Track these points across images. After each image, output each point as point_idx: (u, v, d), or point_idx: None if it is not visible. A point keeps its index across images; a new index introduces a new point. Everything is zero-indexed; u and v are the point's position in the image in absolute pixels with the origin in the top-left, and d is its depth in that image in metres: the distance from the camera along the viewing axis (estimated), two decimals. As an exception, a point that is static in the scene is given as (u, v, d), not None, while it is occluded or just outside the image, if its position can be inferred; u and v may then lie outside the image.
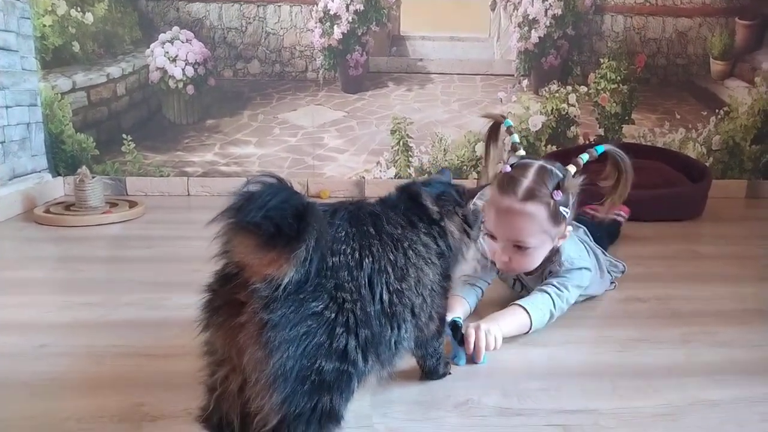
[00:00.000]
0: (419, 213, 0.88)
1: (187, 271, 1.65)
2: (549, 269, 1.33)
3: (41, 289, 1.54)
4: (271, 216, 0.59)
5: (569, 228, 1.29)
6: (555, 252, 1.31)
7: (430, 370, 1.03)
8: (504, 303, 1.29)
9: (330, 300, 0.69)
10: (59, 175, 2.71)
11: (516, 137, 1.35)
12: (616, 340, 1.25)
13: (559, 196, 1.21)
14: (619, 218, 2.04)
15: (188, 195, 2.79)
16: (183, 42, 2.68)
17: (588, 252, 1.41)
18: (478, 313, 1.31)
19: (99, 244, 1.99)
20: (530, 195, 1.21)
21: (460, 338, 1.10)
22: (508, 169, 1.26)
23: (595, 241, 1.52)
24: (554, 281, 1.28)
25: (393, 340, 0.78)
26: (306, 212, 0.62)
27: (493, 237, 1.25)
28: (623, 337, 1.26)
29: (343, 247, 0.72)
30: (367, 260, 0.73)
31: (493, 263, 1.26)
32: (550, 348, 1.21)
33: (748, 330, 1.32)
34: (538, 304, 1.23)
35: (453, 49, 2.83)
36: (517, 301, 1.24)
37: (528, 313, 1.21)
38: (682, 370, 1.12)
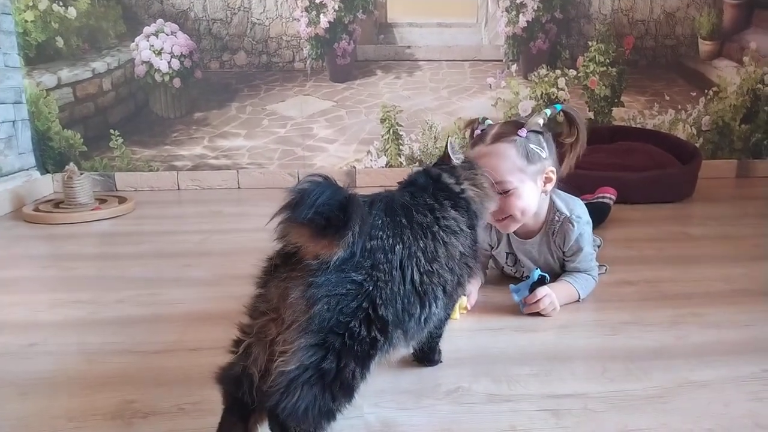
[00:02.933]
0: (445, 191, 0.97)
1: (178, 267, 1.66)
2: (551, 229, 1.37)
3: (31, 288, 1.53)
4: (321, 211, 0.69)
5: (551, 169, 1.32)
6: (551, 210, 1.37)
7: (430, 349, 1.06)
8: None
9: (367, 275, 0.78)
10: (47, 172, 2.69)
11: (489, 121, 1.37)
12: (605, 323, 1.26)
13: (524, 133, 1.28)
14: (607, 200, 2.05)
15: (178, 189, 2.78)
16: (168, 35, 2.65)
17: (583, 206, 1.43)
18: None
19: (89, 241, 1.98)
20: (497, 138, 1.30)
21: (532, 288, 1.27)
22: (479, 131, 1.33)
23: None
24: (581, 273, 1.39)
25: (423, 318, 0.86)
26: (349, 204, 0.72)
27: None
28: (613, 321, 1.27)
29: (380, 233, 0.81)
30: (398, 246, 0.82)
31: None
32: (541, 333, 1.22)
33: (736, 310, 1.33)
34: (581, 280, 1.37)
35: (441, 35, 2.81)
36: (564, 278, 1.38)
37: (575, 287, 1.35)
38: (671, 352, 1.13)
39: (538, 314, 1.28)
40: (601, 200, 2.04)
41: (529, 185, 1.30)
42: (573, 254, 1.38)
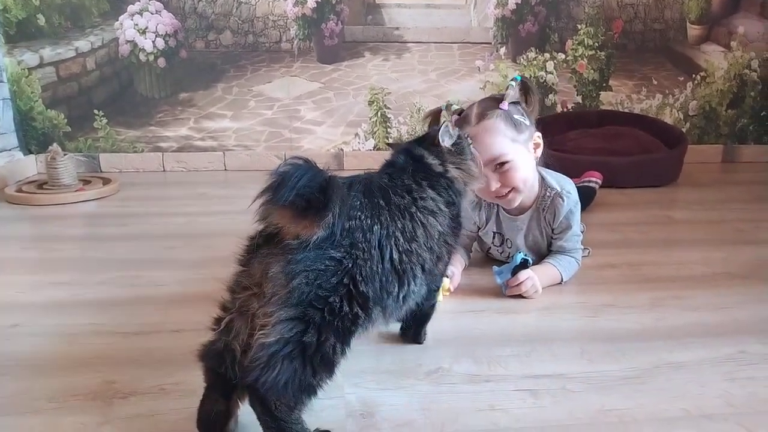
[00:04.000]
0: (425, 171, 0.98)
1: (161, 248, 1.65)
2: (542, 205, 1.39)
3: (13, 269, 1.52)
4: (301, 194, 0.70)
5: (538, 134, 1.35)
6: (542, 186, 1.39)
7: (417, 329, 1.08)
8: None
9: (346, 253, 0.79)
10: (30, 153, 2.65)
11: (455, 106, 1.37)
12: (587, 306, 1.27)
13: (505, 106, 1.30)
14: (592, 184, 2.06)
15: (164, 171, 2.75)
16: (152, 13, 2.61)
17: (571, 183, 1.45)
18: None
19: (72, 222, 1.96)
20: (482, 116, 1.30)
21: (515, 271, 1.28)
22: (455, 118, 1.33)
23: None
24: (567, 254, 1.40)
25: (401, 296, 0.88)
26: (329, 186, 0.73)
27: None
28: (594, 303, 1.28)
29: (358, 213, 0.83)
30: (376, 226, 0.84)
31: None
32: (522, 315, 1.23)
33: (716, 293, 1.35)
34: (564, 263, 1.38)
35: (429, 16, 2.79)
36: (548, 260, 1.39)
37: (558, 269, 1.37)
38: (650, 334, 1.14)
39: (520, 296, 1.29)
40: (587, 184, 2.05)
41: (524, 154, 1.32)
42: (561, 231, 1.40)
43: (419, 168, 0.98)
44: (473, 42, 2.83)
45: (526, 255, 1.32)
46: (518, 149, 1.31)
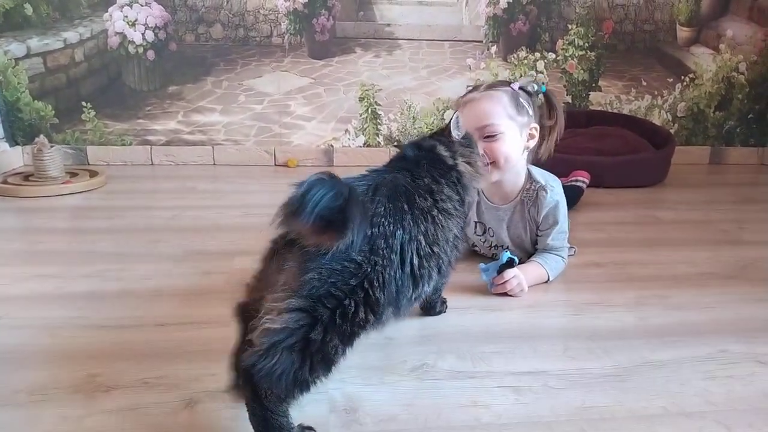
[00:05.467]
0: (439, 166, 1.01)
1: (147, 242, 1.64)
2: (527, 197, 1.41)
3: (-3, 262, 1.50)
4: (321, 215, 0.71)
5: (536, 126, 1.35)
6: (528, 179, 1.41)
7: (431, 306, 1.18)
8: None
9: (365, 258, 0.81)
10: (17, 144, 2.62)
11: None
12: (571, 304, 1.29)
13: (516, 86, 1.32)
14: (579, 183, 2.07)
15: (152, 164, 2.74)
16: (142, 5, 2.58)
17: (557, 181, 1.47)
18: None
19: (58, 215, 1.94)
20: (490, 87, 1.34)
21: (501, 269, 1.29)
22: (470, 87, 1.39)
23: None
24: (553, 252, 1.41)
25: (414, 297, 0.91)
26: (348, 205, 0.73)
27: None
28: (578, 301, 1.29)
29: (381, 220, 0.84)
30: (399, 231, 0.85)
31: None
32: (507, 313, 1.23)
33: (700, 293, 1.36)
34: (550, 262, 1.39)
35: (421, 13, 2.79)
36: (534, 259, 1.40)
37: (544, 268, 1.37)
38: (633, 333, 1.15)
39: (505, 294, 1.30)
40: (574, 183, 2.06)
41: (515, 134, 1.33)
42: (548, 228, 1.40)
43: (432, 161, 1.01)
44: (464, 40, 2.84)
45: (512, 254, 1.33)
46: (511, 126, 1.31)
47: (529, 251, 1.45)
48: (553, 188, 1.40)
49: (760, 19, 2.96)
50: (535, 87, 1.36)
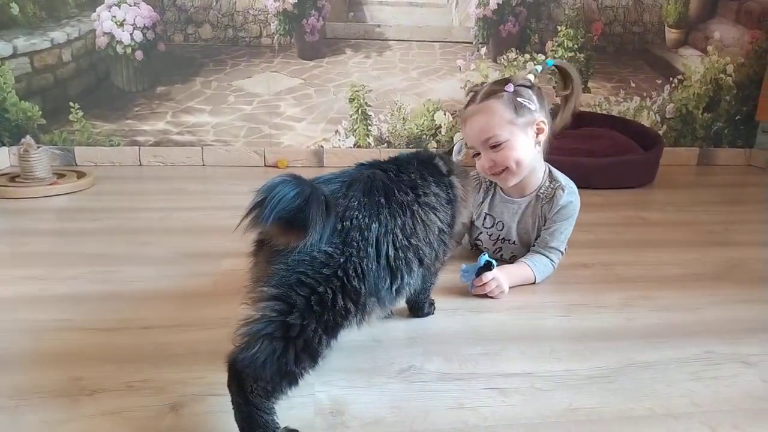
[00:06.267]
0: (431, 169, 1.05)
1: (135, 244, 1.63)
2: (543, 193, 1.43)
3: (-19, 264, 1.49)
4: (283, 216, 0.72)
5: (542, 120, 1.35)
6: (549, 178, 1.44)
7: (418, 307, 1.18)
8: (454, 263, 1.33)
9: (337, 249, 0.82)
10: (4, 145, 2.60)
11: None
12: (558, 305, 1.29)
13: (510, 88, 1.32)
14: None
15: (140, 165, 2.72)
16: (130, 5, 2.57)
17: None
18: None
19: (45, 216, 1.92)
20: (486, 96, 1.34)
21: (479, 272, 1.30)
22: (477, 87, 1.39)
23: None
24: (546, 252, 1.42)
25: (395, 288, 0.91)
26: (307, 205, 0.74)
27: (476, 155, 1.38)
28: (566, 303, 1.30)
29: (355, 213, 0.86)
30: (374, 225, 0.87)
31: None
32: (495, 314, 1.23)
33: (687, 294, 1.37)
34: (539, 265, 1.40)
35: (411, 14, 2.79)
36: (524, 260, 1.41)
37: (532, 270, 1.38)
38: (619, 334, 1.15)
39: (485, 296, 1.30)
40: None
41: (521, 136, 1.33)
42: (554, 223, 1.41)
43: (426, 164, 1.04)
44: (454, 41, 2.84)
45: (489, 257, 1.32)
46: (514, 131, 1.31)
47: (528, 247, 1.47)
48: (572, 191, 1.43)
49: (747, 21, 2.99)
50: (539, 70, 1.35)
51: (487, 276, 1.30)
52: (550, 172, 1.45)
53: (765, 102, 3.05)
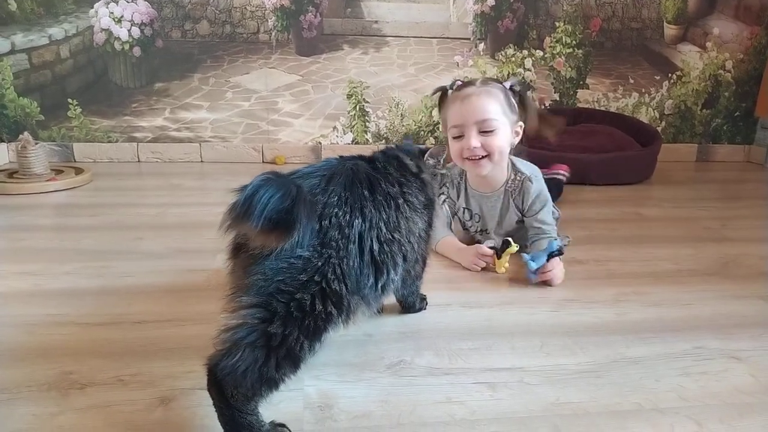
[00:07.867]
0: (405, 170, 1.01)
1: (130, 240, 1.64)
2: (511, 187, 1.49)
3: (-23, 259, 1.49)
4: (269, 217, 0.70)
5: (521, 124, 1.43)
6: (513, 170, 1.49)
7: (409, 305, 1.18)
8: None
9: (315, 252, 0.80)
10: (2, 141, 2.60)
11: (459, 81, 1.46)
12: (550, 300, 1.29)
13: (508, 84, 1.40)
14: (560, 176, 2.08)
15: (138, 161, 2.72)
16: (128, 2, 2.57)
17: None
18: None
19: (42, 212, 1.93)
20: (486, 83, 1.40)
21: (550, 257, 1.34)
22: (460, 83, 1.43)
23: None
24: (550, 230, 1.49)
25: (380, 285, 0.89)
26: (295, 205, 0.72)
27: (457, 137, 1.40)
28: (557, 298, 1.30)
29: (335, 211, 0.83)
30: (357, 221, 0.84)
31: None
32: (486, 309, 1.24)
33: (679, 290, 1.37)
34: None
35: (409, 10, 2.79)
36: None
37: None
38: (610, 329, 1.16)
39: (486, 291, 1.31)
40: (554, 176, 2.07)
41: (508, 130, 1.40)
42: (538, 210, 1.48)
43: (401, 165, 1.01)
44: (452, 37, 2.84)
45: (562, 242, 1.38)
46: (505, 122, 1.38)
47: (509, 233, 1.52)
48: (537, 177, 1.49)
49: (747, 17, 2.98)
50: (516, 81, 1.42)
51: (555, 262, 1.34)
52: (512, 163, 1.50)
53: (764, 98, 3.04)
